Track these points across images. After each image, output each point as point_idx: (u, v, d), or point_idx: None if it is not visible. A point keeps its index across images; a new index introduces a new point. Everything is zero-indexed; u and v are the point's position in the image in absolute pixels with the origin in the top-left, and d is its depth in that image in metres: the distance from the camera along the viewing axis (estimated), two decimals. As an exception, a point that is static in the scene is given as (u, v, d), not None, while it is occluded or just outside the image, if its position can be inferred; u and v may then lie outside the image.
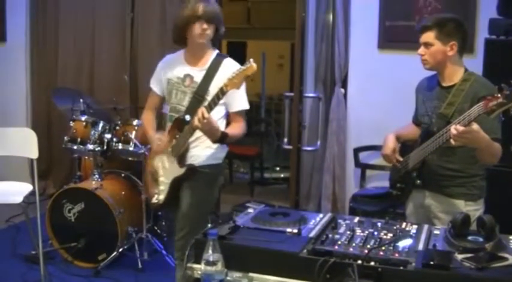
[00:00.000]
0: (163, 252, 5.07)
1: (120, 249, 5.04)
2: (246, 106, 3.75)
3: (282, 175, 8.12)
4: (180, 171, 3.70)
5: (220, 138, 3.54)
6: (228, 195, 6.25)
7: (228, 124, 3.78)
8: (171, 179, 3.76)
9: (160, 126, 4.08)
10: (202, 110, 3.34)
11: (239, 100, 3.70)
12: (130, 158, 5.35)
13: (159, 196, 3.85)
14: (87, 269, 5.06)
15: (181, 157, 3.68)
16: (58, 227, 5.21)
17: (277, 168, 8.35)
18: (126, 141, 5.17)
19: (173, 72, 3.78)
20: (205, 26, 3.59)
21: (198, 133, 3.56)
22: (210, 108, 3.39)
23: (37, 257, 4.90)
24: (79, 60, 6.95)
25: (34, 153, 4.59)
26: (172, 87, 3.76)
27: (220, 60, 3.67)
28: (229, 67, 3.60)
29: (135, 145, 5.11)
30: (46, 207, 5.16)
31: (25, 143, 4.63)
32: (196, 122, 3.37)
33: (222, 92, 3.34)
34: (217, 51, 3.76)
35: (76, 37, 6.94)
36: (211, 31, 3.64)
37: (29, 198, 4.70)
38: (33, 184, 4.78)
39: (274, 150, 8.12)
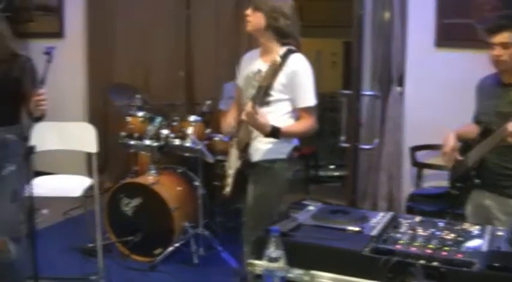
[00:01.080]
0: (219, 248, 5.08)
1: (176, 244, 5.08)
2: (310, 103, 3.66)
3: (337, 173, 8.09)
4: (238, 164, 3.74)
5: (272, 133, 3.50)
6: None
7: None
8: (234, 171, 3.79)
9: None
10: (248, 104, 3.37)
11: (303, 96, 3.65)
12: (186, 154, 5.38)
13: (227, 188, 3.87)
14: (143, 263, 5.11)
15: (242, 150, 3.70)
16: (115, 221, 5.28)
17: (332, 167, 8.32)
18: (183, 137, 5.20)
19: (249, 67, 3.76)
20: (248, 11, 3.60)
21: None
22: (254, 102, 3.39)
23: (94, 250, 4.97)
24: (135, 56, 7.00)
25: (93, 148, 4.64)
26: (247, 82, 3.75)
27: (288, 56, 3.60)
28: (293, 63, 3.58)
29: (192, 141, 5.13)
30: (104, 201, 5.21)
31: (84, 137, 4.69)
32: (243, 115, 3.40)
33: (265, 88, 3.41)
34: (287, 47, 3.66)
35: (133, 33, 6.99)
36: (257, 19, 3.61)
37: (87, 192, 4.78)
38: (92, 178, 4.85)
39: (329, 148, 8.09)
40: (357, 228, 2.66)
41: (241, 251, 3.96)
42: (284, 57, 3.57)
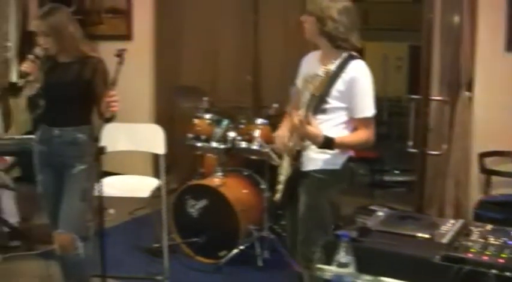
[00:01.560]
0: (284, 251, 5.07)
1: (241, 247, 5.08)
2: (369, 113, 3.51)
3: (402, 178, 7.99)
4: (289, 171, 3.66)
5: (325, 144, 3.38)
6: (348, 197, 6.20)
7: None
8: (285, 179, 3.71)
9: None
10: (299, 112, 3.32)
11: (361, 106, 3.49)
12: (253, 157, 5.39)
13: (277, 195, 3.79)
14: (208, 264, 5.14)
15: (294, 157, 3.61)
16: (181, 222, 5.33)
17: (397, 172, 8.23)
18: (250, 140, 5.22)
19: (308, 70, 3.66)
20: (303, 18, 3.56)
21: None
22: (308, 110, 3.33)
23: (159, 250, 5.02)
24: (203, 59, 7.05)
25: (161, 149, 4.69)
26: (305, 85, 3.61)
27: (348, 62, 3.49)
28: (352, 69, 3.46)
29: (259, 144, 5.14)
30: (169, 202, 5.24)
31: (153, 138, 4.74)
32: (295, 123, 3.34)
33: (313, 96, 3.32)
34: (349, 53, 3.53)
35: (200, 36, 7.04)
36: (310, 25, 3.54)
37: (153, 192, 4.83)
38: (159, 179, 4.90)
39: (394, 153, 8.01)
40: (427, 235, 2.63)
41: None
42: (343, 63, 3.47)
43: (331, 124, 3.50)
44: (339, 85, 3.45)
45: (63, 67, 3.87)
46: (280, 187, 3.78)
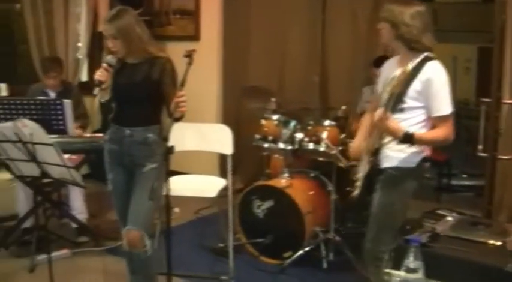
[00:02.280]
0: (349, 254, 5.02)
1: (306, 248, 5.05)
2: (446, 111, 3.53)
3: (470, 183, 7.85)
4: (367, 169, 3.68)
5: (405, 139, 3.42)
6: (413, 201, 6.12)
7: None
8: (362, 175, 3.73)
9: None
10: (380, 109, 3.34)
11: (438, 104, 3.53)
12: (320, 158, 5.35)
13: (355, 191, 3.80)
14: (272, 265, 5.11)
15: (371, 155, 3.64)
16: (246, 222, 5.33)
17: (465, 176, 8.09)
18: (317, 142, 5.18)
19: (387, 73, 3.73)
20: (379, 24, 3.57)
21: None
22: (386, 107, 3.35)
23: (224, 250, 5.05)
24: (270, 59, 7.05)
25: (229, 149, 4.70)
26: (384, 88, 3.69)
27: (423, 64, 3.53)
28: (429, 70, 3.50)
29: (326, 145, 5.10)
30: (235, 203, 5.24)
31: (220, 139, 4.76)
32: (375, 119, 3.37)
33: (397, 95, 3.35)
34: (426, 53, 3.58)
35: (267, 37, 7.04)
36: (386, 31, 3.58)
37: (220, 192, 4.84)
38: (225, 179, 4.91)
39: (463, 156, 7.86)
40: (498, 242, 2.56)
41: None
42: (420, 64, 3.51)
43: (410, 123, 3.53)
44: (416, 85, 3.50)
45: (132, 68, 3.91)
46: (358, 184, 3.79)
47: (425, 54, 3.56)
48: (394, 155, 3.62)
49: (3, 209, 5.92)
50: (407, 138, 3.42)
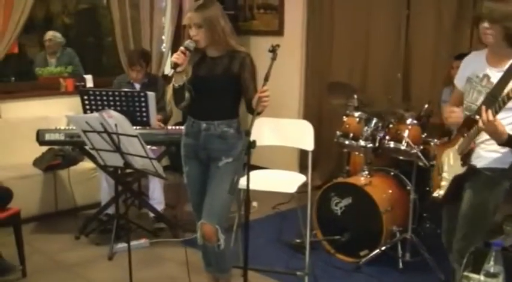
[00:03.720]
0: (426, 254, 4.95)
1: (383, 248, 5.00)
2: None
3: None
4: (461, 169, 3.60)
5: (508, 141, 3.33)
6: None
7: None
8: (452, 176, 3.67)
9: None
10: (487, 112, 3.23)
11: None
12: (400, 157, 5.29)
13: (440, 191, 3.76)
14: (348, 263, 5.10)
15: (465, 156, 3.58)
16: (324, 219, 5.32)
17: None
18: (399, 140, 5.10)
19: (473, 71, 3.64)
20: (486, 25, 3.43)
21: (486, 135, 3.42)
22: (495, 111, 3.24)
23: (301, 245, 5.06)
24: (353, 56, 7.00)
25: (310, 146, 4.69)
26: (470, 86, 3.63)
27: None
28: None
29: (407, 144, 5.04)
30: (314, 199, 5.22)
31: (301, 134, 4.75)
32: (480, 123, 3.27)
33: (508, 97, 3.20)
34: None
35: (351, 33, 6.99)
36: (496, 31, 3.42)
37: (298, 188, 4.84)
38: (304, 175, 4.90)
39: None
40: None
41: (448, 259, 3.86)
42: None
43: (505, 123, 3.41)
44: None
45: (212, 61, 3.95)
46: (443, 184, 3.76)
47: None
48: (488, 155, 3.56)
49: (86, 197, 6.08)
50: (510, 142, 3.36)
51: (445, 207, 3.88)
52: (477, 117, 3.37)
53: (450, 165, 3.74)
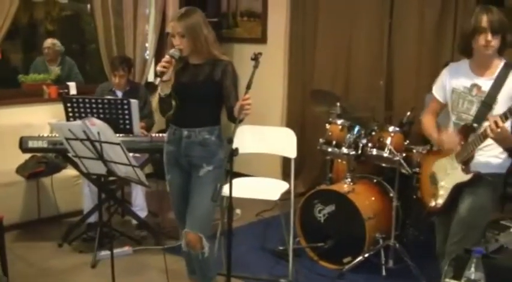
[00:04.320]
0: (409, 262, 4.97)
1: (366, 255, 5.01)
2: None
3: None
4: (464, 177, 3.63)
5: None
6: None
7: None
8: (453, 184, 3.70)
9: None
10: (496, 119, 3.27)
11: None
12: (383, 164, 5.32)
13: (438, 200, 3.79)
14: (332, 270, 5.09)
15: (466, 163, 3.61)
16: (307, 226, 5.32)
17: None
18: (381, 147, 5.14)
19: (458, 82, 3.70)
20: (489, 38, 3.47)
21: (487, 141, 3.46)
22: (505, 117, 3.29)
23: (284, 253, 5.06)
24: (336, 63, 7.03)
25: (292, 153, 4.70)
26: (459, 97, 3.69)
27: (508, 70, 3.54)
28: None
29: (390, 152, 5.07)
30: (297, 206, 5.23)
31: (284, 142, 4.76)
32: (488, 130, 3.30)
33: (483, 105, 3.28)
34: (504, 60, 3.60)
35: (334, 41, 7.02)
36: (497, 42, 3.50)
37: (281, 195, 4.84)
38: (287, 182, 4.91)
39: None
40: None
41: (431, 266, 3.87)
42: (504, 71, 3.55)
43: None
44: (505, 92, 3.53)
45: (194, 68, 3.96)
46: (442, 193, 3.79)
47: (504, 60, 3.59)
48: (487, 160, 3.63)
49: (69, 204, 6.05)
50: None
51: (440, 217, 3.91)
52: (475, 125, 3.48)
53: (447, 174, 3.76)
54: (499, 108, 3.48)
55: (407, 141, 5.30)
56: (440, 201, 3.77)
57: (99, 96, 5.61)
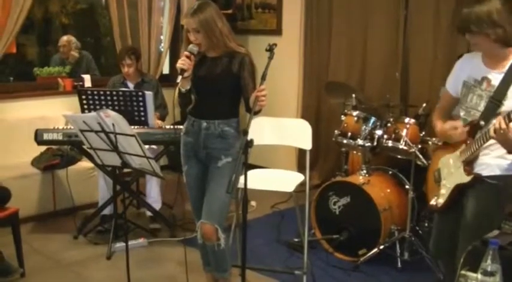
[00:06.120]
0: (424, 254, 4.95)
1: (381, 247, 5.01)
2: None
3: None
4: (465, 178, 3.45)
5: None
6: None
7: None
8: (454, 184, 3.52)
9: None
10: (499, 120, 3.10)
11: None
12: (399, 156, 5.30)
13: (439, 199, 3.64)
14: (347, 262, 5.10)
15: (469, 163, 3.43)
16: (322, 218, 5.33)
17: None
18: (397, 139, 5.11)
19: (470, 74, 3.47)
20: (467, 37, 3.34)
21: (492, 140, 3.25)
22: (509, 118, 3.09)
23: (299, 245, 5.05)
24: (351, 55, 7.00)
25: (308, 145, 4.67)
26: (469, 90, 3.47)
27: None
28: None
29: (406, 143, 5.05)
30: (312, 198, 5.23)
31: (299, 133, 4.73)
32: (491, 132, 3.15)
33: (491, 101, 3.14)
34: None
35: (349, 32, 6.99)
36: (479, 40, 3.30)
37: (297, 187, 4.84)
38: (303, 174, 4.89)
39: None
40: None
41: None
42: None
43: None
44: None
45: (212, 61, 3.95)
46: (443, 192, 3.63)
47: None
48: (494, 162, 3.39)
49: (84, 196, 6.07)
50: None
51: (438, 215, 3.77)
52: (482, 123, 3.29)
53: (450, 172, 3.59)
54: (510, 104, 3.25)
55: (423, 133, 5.28)
56: (441, 200, 3.62)
57: (112, 89, 5.61)
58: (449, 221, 3.62)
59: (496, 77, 3.34)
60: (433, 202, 3.71)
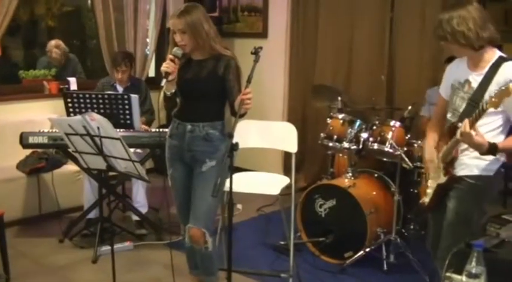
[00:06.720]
0: (410, 256, 4.97)
1: (367, 249, 5.01)
2: None
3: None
4: (442, 179, 3.53)
5: (489, 151, 3.23)
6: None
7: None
8: (435, 184, 3.60)
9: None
10: (465, 123, 3.16)
11: None
12: (384, 159, 5.32)
13: (425, 198, 3.71)
14: (333, 264, 5.10)
15: (447, 164, 3.50)
16: (308, 221, 5.33)
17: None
18: (382, 142, 5.13)
19: (456, 77, 3.55)
20: (442, 43, 3.40)
21: None
22: (473, 122, 3.16)
23: (285, 247, 5.04)
24: (337, 58, 7.01)
25: (293, 148, 4.68)
26: (454, 92, 3.55)
27: (499, 64, 3.34)
28: (505, 73, 3.28)
29: (391, 146, 5.06)
30: (298, 201, 5.24)
31: (285, 136, 4.73)
32: (458, 134, 3.22)
33: (482, 110, 3.12)
34: (499, 53, 3.41)
35: (335, 35, 7.00)
36: (453, 47, 3.38)
37: (283, 190, 4.84)
38: (288, 177, 4.90)
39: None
40: None
41: (432, 263, 3.84)
42: (495, 66, 3.34)
43: (487, 129, 3.37)
44: (493, 88, 3.27)
45: (197, 64, 3.95)
46: (429, 191, 3.69)
47: (499, 54, 3.39)
48: (473, 162, 3.46)
49: (70, 200, 6.05)
50: (492, 151, 3.25)
51: (432, 214, 3.82)
52: (459, 125, 3.30)
53: (434, 173, 3.66)
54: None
55: (409, 136, 5.30)
56: (427, 199, 3.69)
57: (100, 91, 5.60)
58: (441, 220, 3.65)
59: (476, 79, 3.41)
60: (421, 201, 3.78)
